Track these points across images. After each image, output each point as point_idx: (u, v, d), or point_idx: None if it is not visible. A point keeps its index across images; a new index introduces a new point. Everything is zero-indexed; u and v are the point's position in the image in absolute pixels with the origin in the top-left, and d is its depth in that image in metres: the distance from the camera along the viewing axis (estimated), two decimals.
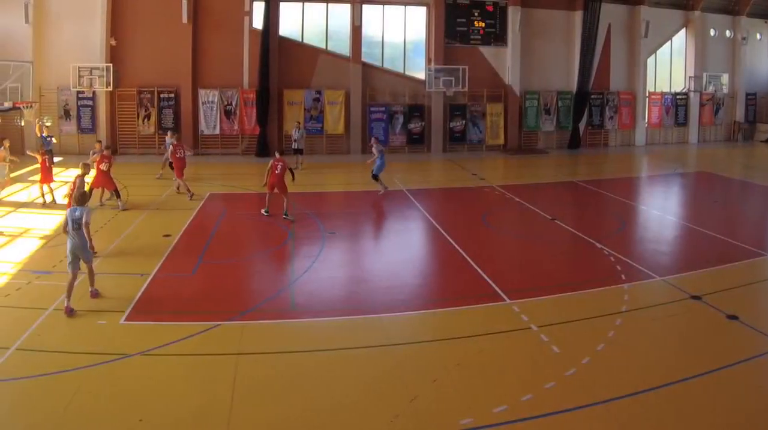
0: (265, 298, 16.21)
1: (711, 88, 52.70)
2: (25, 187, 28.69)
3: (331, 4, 44.63)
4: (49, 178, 26.02)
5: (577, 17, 47.89)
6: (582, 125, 49.39)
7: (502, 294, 16.31)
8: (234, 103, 42.57)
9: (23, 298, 15.62)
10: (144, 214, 25.10)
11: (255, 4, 42.66)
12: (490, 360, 12.62)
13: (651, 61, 52.27)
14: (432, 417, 10.48)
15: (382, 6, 45.66)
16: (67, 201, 18.72)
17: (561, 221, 24.68)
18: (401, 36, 46.59)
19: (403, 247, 22.44)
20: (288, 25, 44.07)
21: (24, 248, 19.97)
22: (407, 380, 11.66)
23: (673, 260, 20.40)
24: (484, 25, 46.79)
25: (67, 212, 15.17)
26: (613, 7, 48.87)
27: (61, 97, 40.87)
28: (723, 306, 15.14)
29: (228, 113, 42.62)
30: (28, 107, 31.87)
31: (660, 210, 27.93)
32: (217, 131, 42.79)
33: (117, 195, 25.69)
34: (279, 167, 24.82)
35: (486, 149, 46.86)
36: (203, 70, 42.40)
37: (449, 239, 22.05)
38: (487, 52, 47.16)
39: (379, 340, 13.65)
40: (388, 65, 46.35)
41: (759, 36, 56.20)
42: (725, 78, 53.37)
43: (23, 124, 39.66)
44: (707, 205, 29.47)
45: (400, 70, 46.71)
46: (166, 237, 21.53)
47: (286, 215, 24.58)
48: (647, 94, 51.80)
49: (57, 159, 25.55)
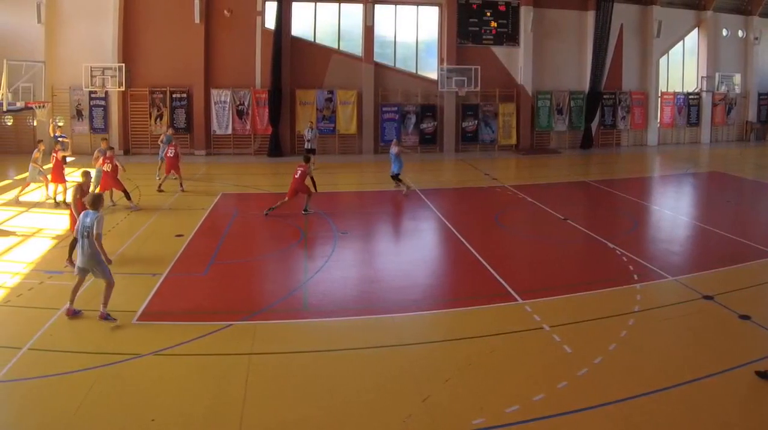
0: (277, 298, 16.20)
1: (723, 88, 52.59)
2: (38, 187, 28.72)
3: (343, 4, 44.72)
4: (62, 179, 26.00)
5: (590, 17, 47.84)
6: (594, 125, 49.34)
7: (515, 294, 16.27)
8: (246, 103, 42.67)
9: (35, 298, 15.65)
10: (156, 214, 25.15)
11: (267, 4, 42.73)
12: (503, 360, 12.59)
13: (663, 61, 52.16)
14: (444, 417, 10.46)
15: (394, 6, 45.70)
16: (71, 210, 18.51)
17: (573, 221, 24.62)
18: (413, 36, 46.64)
19: (415, 247, 22.43)
20: (300, 25, 44.18)
21: (36, 248, 20.04)
22: (420, 380, 11.64)
23: (686, 260, 20.33)
24: (496, 25, 46.81)
25: (80, 216, 14.88)
26: (625, 7, 48.78)
27: (74, 97, 41.08)
28: (735, 306, 15.07)
29: (240, 113, 42.71)
30: (40, 107, 31.98)
31: (672, 210, 27.84)
32: (230, 131, 42.92)
33: (127, 196, 25.70)
34: (299, 172, 25.11)
35: (498, 149, 46.85)
36: (215, 70, 42.52)
37: (461, 238, 22.02)
38: (500, 52, 47.16)
39: (392, 340, 13.66)
40: (400, 65, 46.42)
41: None
42: (737, 78, 53.24)
43: (35, 124, 39.85)
44: (719, 205, 29.33)
45: (413, 70, 46.77)
46: (178, 237, 21.56)
47: (306, 211, 24.91)
48: (659, 94, 51.68)
49: (69, 159, 25.59)
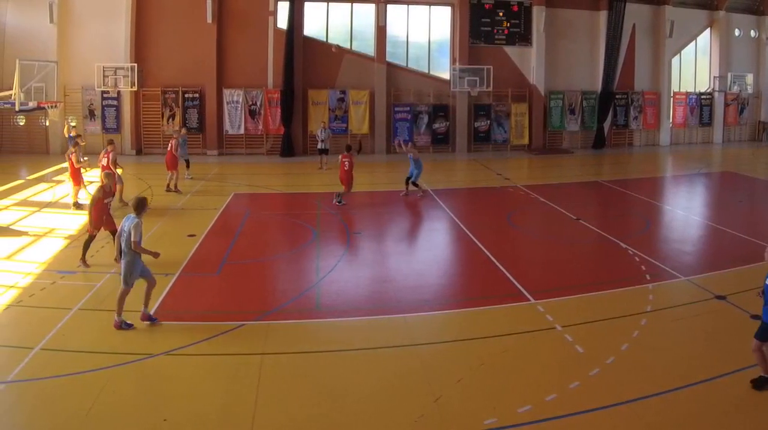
0: (290, 298, 16.23)
1: (736, 88, 52.34)
2: (50, 186, 28.84)
3: (355, 4, 44.71)
4: (80, 180, 26.02)
5: (602, 17, 47.67)
6: (606, 125, 49.17)
7: (527, 294, 16.27)
8: (258, 103, 42.69)
9: (48, 298, 15.71)
10: (168, 213, 25.21)
11: (279, 4, 42.76)
12: (515, 360, 12.60)
13: (675, 60, 51.95)
14: (456, 417, 10.47)
15: (406, 6, 45.63)
16: (90, 210, 18.50)
17: (586, 221, 24.60)
18: (426, 36, 46.57)
19: (427, 247, 22.45)
20: (312, 25, 44.20)
21: (49, 248, 20.11)
22: (431, 380, 11.66)
23: (698, 260, 20.30)
24: (508, 24, 46.69)
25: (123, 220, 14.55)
26: (637, 6, 48.61)
27: (86, 96, 41.22)
28: (747, 306, 14.97)
29: (252, 113, 42.76)
30: (52, 107, 32.06)
31: (685, 210, 27.78)
32: (242, 131, 42.96)
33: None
34: (346, 164, 25.87)
35: (510, 149, 46.76)
36: (228, 70, 42.61)
37: (474, 238, 22.02)
38: (512, 51, 47.04)
39: (404, 340, 13.66)
40: (412, 65, 46.38)
41: None
42: (750, 78, 52.94)
43: (48, 124, 39.97)
44: (732, 205, 29.18)
45: (425, 70, 46.71)
46: (190, 237, 21.60)
47: (340, 201, 25.48)
48: (672, 94, 51.48)
49: (83, 159, 25.68)
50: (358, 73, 44.46)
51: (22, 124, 41.43)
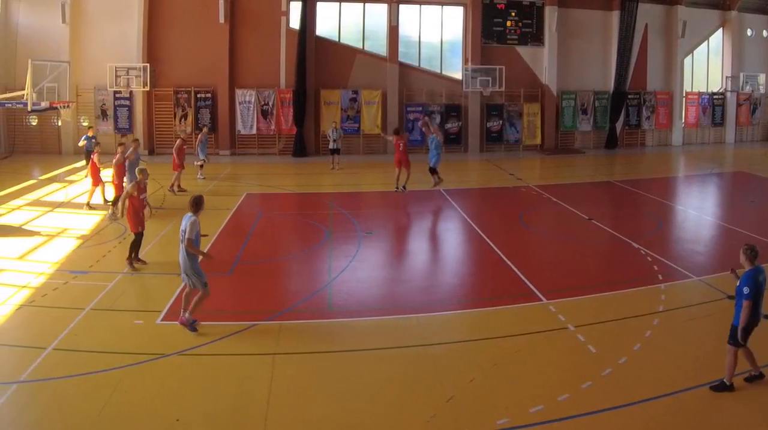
0: (302, 298, 16.27)
1: (748, 88, 52.10)
2: (62, 186, 28.92)
3: (368, 4, 44.67)
4: (99, 180, 26.06)
5: (614, 17, 47.53)
6: (619, 125, 48.99)
7: (539, 294, 16.27)
8: (271, 103, 42.71)
9: (60, 298, 15.79)
10: (181, 214, 25.15)
11: (292, 4, 42.75)
12: (527, 360, 12.61)
13: (688, 60, 51.73)
14: (468, 417, 10.48)
15: (419, 6, 45.61)
16: (128, 209, 18.54)
17: (598, 221, 24.54)
18: (438, 36, 46.51)
19: (439, 247, 22.51)
20: (325, 25, 44.24)
21: (61, 248, 20.18)
22: (444, 380, 11.67)
23: (710, 260, 20.24)
24: (521, 24, 46.60)
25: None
26: (649, 7, 48.44)
27: (98, 97, 41.32)
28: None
29: (265, 113, 42.78)
30: (64, 107, 32.09)
31: (697, 210, 27.72)
32: (254, 131, 43.00)
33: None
34: (401, 145, 26.06)
35: (523, 149, 46.64)
36: (240, 70, 42.65)
37: (486, 238, 22.00)
38: (524, 52, 46.94)
39: (416, 340, 13.67)
40: (424, 65, 46.32)
41: None
42: (762, 78, 52.64)
43: (60, 124, 40.07)
44: (744, 205, 29.09)
45: (437, 70, 46.64)
46: (203, 237, 21.60)
47: (403, 189, 25.71)
48: (684, 94, 51.28)
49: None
50: (371, 73, 44.44)
51: (34, 124, 41.50)
